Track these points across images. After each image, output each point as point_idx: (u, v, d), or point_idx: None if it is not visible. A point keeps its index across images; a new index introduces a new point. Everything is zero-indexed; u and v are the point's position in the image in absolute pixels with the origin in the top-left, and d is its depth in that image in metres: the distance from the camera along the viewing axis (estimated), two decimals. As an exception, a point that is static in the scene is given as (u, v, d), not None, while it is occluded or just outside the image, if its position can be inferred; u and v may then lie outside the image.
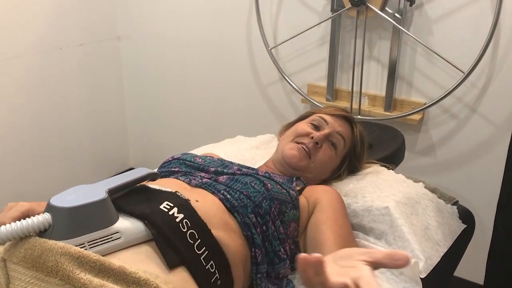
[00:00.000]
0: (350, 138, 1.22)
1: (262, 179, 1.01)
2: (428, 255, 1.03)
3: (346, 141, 1.20)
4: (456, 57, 1.63)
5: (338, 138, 1.18)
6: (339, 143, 1.18)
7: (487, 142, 1.71)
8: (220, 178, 1.02)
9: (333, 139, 1.17)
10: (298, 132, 1.18)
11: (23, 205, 0.81)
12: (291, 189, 1.04)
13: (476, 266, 1.69)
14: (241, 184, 0.99)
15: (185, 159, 1.12)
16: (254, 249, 0.91)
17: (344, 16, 1.81)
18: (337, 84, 1.92)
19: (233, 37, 2.12)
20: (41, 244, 0.69)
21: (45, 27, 2.11)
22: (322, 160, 1.16)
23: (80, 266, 0.67)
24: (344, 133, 1.19)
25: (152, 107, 2.51)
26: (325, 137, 1.16)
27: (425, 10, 1.67)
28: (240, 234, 0.90)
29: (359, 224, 1.11)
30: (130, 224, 0.77)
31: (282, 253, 0.94)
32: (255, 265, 0.91)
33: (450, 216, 1.20)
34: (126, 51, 2.46)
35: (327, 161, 1.17)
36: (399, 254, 0.56)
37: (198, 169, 1.08)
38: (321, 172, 1.19)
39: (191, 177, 1.02)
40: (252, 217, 0.92)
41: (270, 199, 0.96)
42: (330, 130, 1.17)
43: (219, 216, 0.89)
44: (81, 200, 0.73)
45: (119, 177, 0.84)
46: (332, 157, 1.17)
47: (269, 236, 0.93)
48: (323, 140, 1.15)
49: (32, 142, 2.17)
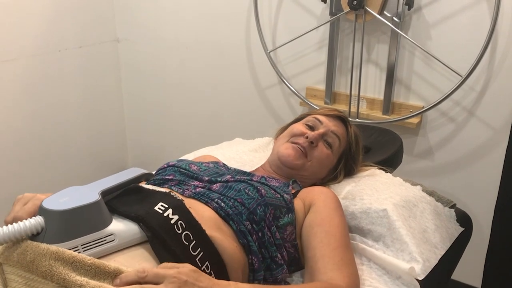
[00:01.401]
0: (345, 137, 1.23)
1: (256, 185, 1.00)
2: (426, 257, 1.02)
3: (341, 140, 1.20)
4: (454, 60, 1.63)
5: (333, 137, 1.19)
6: (334, 142, 1.19)
7: (485, 145, 1.71)
8: (214, 186, 1.01)
9: (328, 138, 1.18)
10: (293, 133, 1.19)
11: (39, 199, 0.78)
12: (285, 193, 1.03)
13: (473, 269, 1.68)
14: (235, 191, 0.98)
15: (179, 166, 1.11)
16: (251, 256, 0.90)
17: (343, 19, 1.81)
18: (335, 87, 1.92)
19: (232, 40, 2.12)
20: (33, 248, 0.68)
21: (44, 29, 2.12)
22: (319, 159, 1.16)
23: (75, 270, 0.67)
24: (338, 132, 1.20)
25: (150, 109, 2.51)
26: (320, 136, 1.16)
27: (423, 14, 1.67)
28: (235, 239, 0.90)
29: (357, 226, 1.11)
30: (124, 226, 0.77)
31: (279, 258, 0.93)
32: (252, 272, 0.91)
33: (448, 219, 1.20)
34: (125, 54, 2.46)
35: (324, 160, 1.17)
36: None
37: (192, 178, 1.06)
38: (318, 171, 1.18)
39: (184, 187, 1.00)
40: (248, 224, 0.92)
41: (265, 205, 0.95)
42: (324, 130, 1.18)
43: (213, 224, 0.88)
44: (73, 203, 0.72)
45: (112, 177, 0.83)
46: (328, 156, 1.18)
47: (265, 242, 0.92)
48: (318, 139, 1.16)
49: (30, 144, 2.17)
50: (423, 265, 1.00)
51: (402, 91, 1.80)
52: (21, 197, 0.80)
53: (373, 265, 1.03)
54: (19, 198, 0.80)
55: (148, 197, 0.85)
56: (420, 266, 0.99)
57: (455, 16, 1.63)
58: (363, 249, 1.05)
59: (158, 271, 0.70)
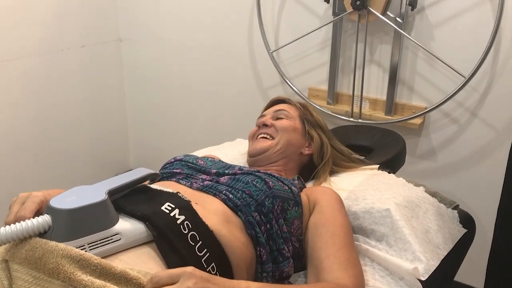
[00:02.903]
0: (291, 108, 1.30)
1: (263, 177, 1.01)
2: (429, 257, 1.02)
3: (288, 110, 1.27)
4: (457, 61, 1.63)
5: (279, 112, 1.27)
6: (284, 114, 1.26)
7: (488, 146, 1.71)
8: (222, 179, 1.03)
9: (277, 116, 1.26)
10: (249, 137, 1.29)
11: (37, 196, 0.79)
12: (293, 185, 1.04)
13: (476, 271, 1.68)
14: (243, 183, 0.99)
15: (187, 160, 1.13)
16: (259, 248, 0.91)
17: (346, 20, 1.81)
18: (338, 87, 1.92)
19: (235, 40, 2.12)
20: (42, 245, 0.69)
21: (46, 28, 2.12)
22: (280, 127, 1.22)
23: (81, 269, 0.67)
24: (283, 108, 1.28)
25: (153, 109, 2.51)
26: (267, 119, 1.24)
27: (427, 14, 1.67)
28: (244, 232, 0.90)
29: (360, 226, 1.11)
30: (130, 225, 0.77)
31: (286, 251, 0.94)
32: (260, 264, 0.91)
33: (451, 220, 1.20)
34: (128, 53, 2.47)
35: (285, 125, 1.23)
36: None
37: (199, 171, 1.08)
38: (289, 139, 1.22)
39: (192, 180, 1.02)
40: (256, 215, 0.93)
41: (273, 197, 0.96)
42: (269, 115, 1.27)
43: (221, 216, 0.89)
44: (80, 202, 0.72)
45: (119, 177, 0.84)
46: (285, 122, 1.24)
47: (273, 234, 0.93)
48: (266, 121, 1.23)
49: (33, 143, 2.17)
50: (426, 264, 1.00)
51: (405, 91, 1.80)
52: (17, 198, 0.81)
53: (376, 266, 1.03)
54: (14, 200, 0.81)
55: (155, 197, 0.85)
56: (423, 266, 0.99)
57: (458, 17, 1.63)
58: (366, 250, 1.06)
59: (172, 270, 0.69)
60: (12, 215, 0.77)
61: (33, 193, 0.80)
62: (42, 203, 0.79)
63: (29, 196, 0.80)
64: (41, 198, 0.79)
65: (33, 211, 0.76)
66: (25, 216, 0.75)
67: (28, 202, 0.78)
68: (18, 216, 0.76)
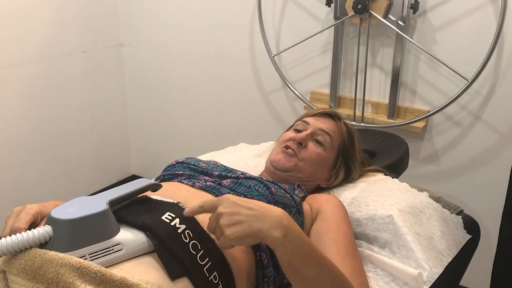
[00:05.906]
0: (336, 132, 1.21)
1: (266, 183, 1.01)
2: (433, 264, 1.02)
3: (332, 135, 1.19)
4: (459, 64, 1.62)
5: (322, 134, 1.18)
6: (325, 139, 1.17)
7: (491, 149, 1.70)
8: (224, 181, 1.02)
9: (317, 137, 1.17)
10: (282, 140, 1.19)
11: (32, 208, 0.80)
12: (295, 194, 1.04)
13: (481, 276, 1.67)
14: (245, 187, 0.99)
15: (189, 163, 1.13)
16: (259, 253, 0.90)
17: (347, 23, 1.81)
18: (340, 91, 1.91)
19: (236, 44, 2.12)
20: (41, 255, 0.68)
21: (48, 34, 2.12)
22: (310, 158, 1.15)
23: (81, 277, 0.67)
24: (327, 128, 1.19)
25: (154, 114, 2.51)
26: (307, 136, 1.16)
27: (428, 17, 1.67)
28: None
29: (363, 233, 1.10)
30: (131, 235, 0.76)
31: None
32: (261, 269, 0.90)
33: (455, 226, 1.19)
34: (129, 59, 2.47)
35: (315, 158, 1.15)
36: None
37: (202, 173, 1.08)
38: (314, 171, 1.17)
39: (194, 180, 1.02)
40: None
41: (274, 203, 0.95)
42: (312, 129, 1.17)
43: None
44: (81, 212, 0.72)
45: (120, 188, 0.83)
46: (320, 154, 1.16)
47: None
48: (305, 139, 1.15)
49: (34, 149, 2.17)
50: (429, 272, 0.99)
51: (407, 95, 1.79)
52: (11, 213, 0.81)
53: (380, 272, 1.02)
54: (9, 215, 0.81)
55: (155, 207, 0.85)
56: (426, 274, 0.98)
57: (460, 20, 1.62)
58: (369, 255, 1.05)
59: (214, 199, 0.79)
60: (6, 229, 0.77)
61: (28, 206, 0.81)
62: (36, 215, 0.79)
63: (24, 208, 0.80)
64: (35, 210, 0.79)
65: (27, 223, 0.76)
66: (19, 228, 0.74)
67: (22, 214, 0.78)
68: (12, 228, 0.76)
